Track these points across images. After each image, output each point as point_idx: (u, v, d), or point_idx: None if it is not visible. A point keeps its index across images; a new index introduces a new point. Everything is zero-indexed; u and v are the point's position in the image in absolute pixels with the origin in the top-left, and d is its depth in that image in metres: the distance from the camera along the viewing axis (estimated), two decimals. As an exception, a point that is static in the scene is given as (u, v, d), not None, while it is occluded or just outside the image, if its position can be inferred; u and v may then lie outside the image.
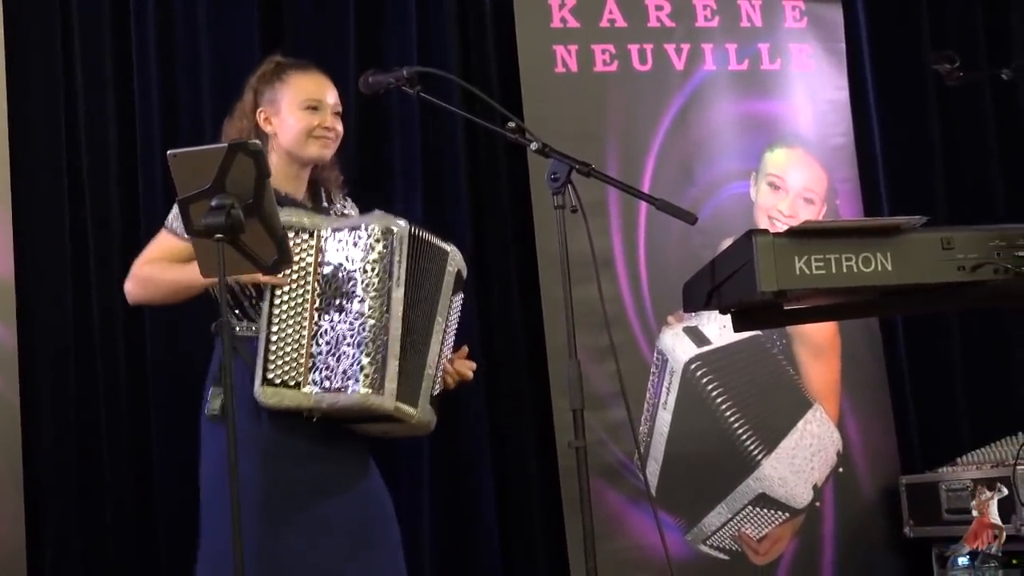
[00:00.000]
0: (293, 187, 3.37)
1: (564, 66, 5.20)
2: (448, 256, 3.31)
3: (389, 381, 3.11)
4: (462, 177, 5.10)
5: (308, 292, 3.14)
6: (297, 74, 3.41)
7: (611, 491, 4.96)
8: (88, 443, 4.57)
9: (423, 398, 3.22)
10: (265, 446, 3.18)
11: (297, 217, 3.19)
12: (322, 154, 3.37)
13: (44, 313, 4.57)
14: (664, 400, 5.09)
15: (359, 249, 3.13)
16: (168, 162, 2.82)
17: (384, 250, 3.13)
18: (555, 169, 3.03)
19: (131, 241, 4.65)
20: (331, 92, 3.42)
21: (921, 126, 5.80)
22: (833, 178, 5.49)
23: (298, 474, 3.19)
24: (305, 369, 3.11)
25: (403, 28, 5.11)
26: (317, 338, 3.12)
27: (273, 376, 3.12)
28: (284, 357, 3.12)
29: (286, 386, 3.12)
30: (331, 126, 3.38)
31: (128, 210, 4.70)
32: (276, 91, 3.39)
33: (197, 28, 4.84)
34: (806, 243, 3.03)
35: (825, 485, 5.23)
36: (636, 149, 5.23)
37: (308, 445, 3.20)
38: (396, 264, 3.14)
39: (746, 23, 5.46)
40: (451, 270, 3.31)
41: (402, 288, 3.15)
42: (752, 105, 5.42)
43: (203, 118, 4.74)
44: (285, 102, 3.37)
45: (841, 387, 5.34)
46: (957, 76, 3.77)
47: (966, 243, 3.10)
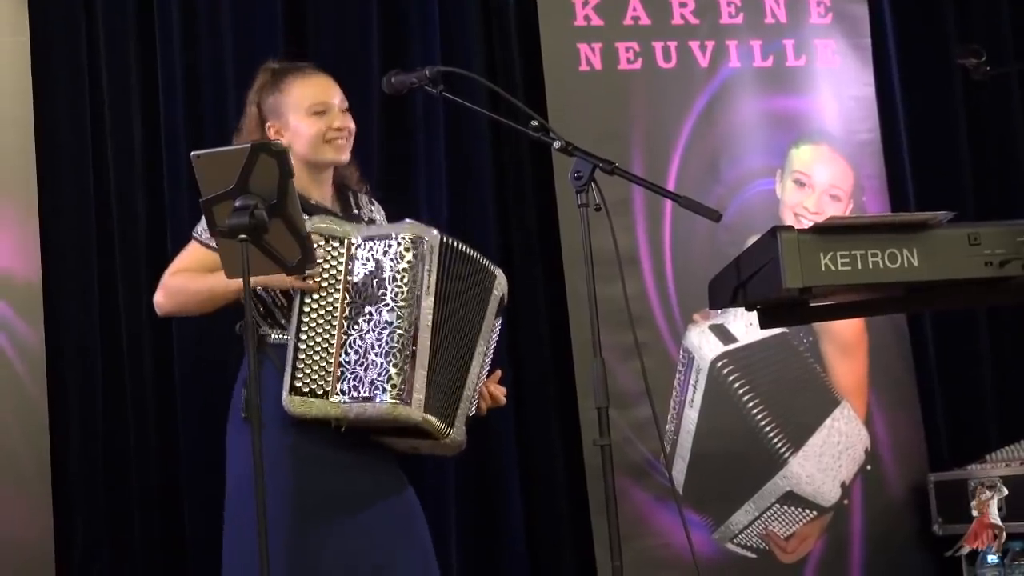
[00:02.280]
0: (318, 193, 3.34)
1: (588, 64, 5.19)
2: (496, 280, 3.28)
3: (417, 392, 3.08)
4: (487, 176, 5.10)
5: (337, 300, 3.11)
6: (296, 80, 3.35)
7: (638, 489, 4.95)
8: (115, 442, 4.59)
9: (459, 419, 3.20)
10: (296, 454, 3.16)
11: (328, 224, 3.16)
12: (339, 156, 3.34)
13: (71, 314, 4.59)
14: (691, 398, 5.08)
15: (389, 258, 3.10)
16: (192, 163, 2.83)
17: (413, 259, 3.10)
18: (578, 167, 3.03)
19: (157, 242, 4.69)
20: (334, 91, 3.36)
21: (948, 121, 5.77)
22: (859, 174, 5.46)
23: (329, 481, 3.17)
24: (334, 379, 3.08)
25: (427, 28, 5.11)
26: (346, 347, 3.09)
27: (301, 385, 3.09)
28: (312, 366, 3.09)
29: (314, 395, 3.09)
30: (342, 126, 3.32)
31: (154, 212, 4.72)
32: (279, 102, 3.32)
33: (220, 32, 4.84)
34: (831, 239, 3.03)
35: (853, 483, 5.21)
36: (661, 147, 5.21)
37: (338, 454, 3.18)
38: (426, 273, 3.11)
39: (771, 19, 5.44)
40: (496, 294, 3.28)
41: (432, 297, 3.12)
42: (777, 102, 5.39)
43: (228, 123, 4.75)
44: (291, 112, 3.31)
45: (869, 384, 5.31)
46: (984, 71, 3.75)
47: (993, 239, 3.10)
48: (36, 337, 4.46)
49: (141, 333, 4.64)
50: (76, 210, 4.65)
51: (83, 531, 4.50)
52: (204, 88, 4.83)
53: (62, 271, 4.59)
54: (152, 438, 4.63)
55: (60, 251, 4.60)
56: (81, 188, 4.66)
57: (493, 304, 3.27)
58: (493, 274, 3.29)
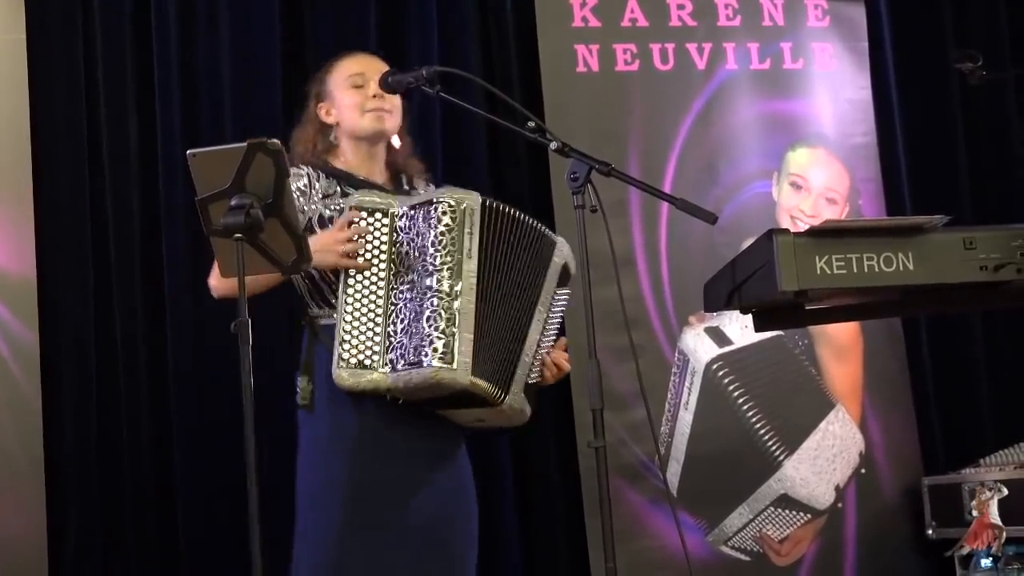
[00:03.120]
0: (367, 170, 3.34)
1: (586, 65, 5.19)
2: (555, 247, 3.24)
3: (462, 355, 3.01)
4: (483, 176, 5.09)
5: (382, 272, 3.09)
6: (340, 60, 3.41)
7: (632, 491, 4.95)
8: (109, 440, 4.59)
9: (516, 384, 3.15)
10: (355, 437, 3.13)
11: (369, 197, 3.15)
12: (379, 127, 3.33)
13: (66, 312, 4.60)
14: (686, 400, 5.08)
15: (429, 224, 3.07)
16: (188, 162, 2.82)
17: (452, 222, 3.06)
18: (575, 169, 3.01)
19: (151, 241, 4.69)
20: (375, 65, 3.38)
21: (944, 125, 5.78)
22: (855, 178, 5.47)
23: (386, 472, 3.13)
24: (382, 349, 3.05)
25: (425, 28, 5.11)
26: (392, 317, 3.06)
27: (349, 357, 3.05)
28: (359, 337, 3.06)
29: (362, 366, 3.05)
30: (378, 95, 3.31)
31: (149, 210, 4.73)
32: (326, 83, 3.38)
33: (217, 31, 4.85)
34: (827, 243, 3.02)
35: (847, 486, 5.21)
36: (658, 149, 5.22)
37: (397, 437, 3.14)
38: (467, 236, 3.07)
39: (768, 22, 5.44)
40: (557, 261, 3.24)
41: (474, 261, 3.07)
42: (774, 104, 5.40)
43: (223, 121, 4.76)
44: (335, 88, 3.35)
45: (863, 388, 5.32)
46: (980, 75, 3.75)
47: (988, 243, 3.09)
48: (31, 335, 4.47)
49: (136, 331, 4.65)
50: (71, 208, 4.66)
51: (76, 528, 4.51)
52: (200, 87, 4.84)
53: (57, 269, 4.60)
54: (146, 436, 4.63)
55: (55, 249, 4.60)
56: (76, 186, 4.67)
57: (553, 271, 3.23)
58: (552, 241, 3.25)
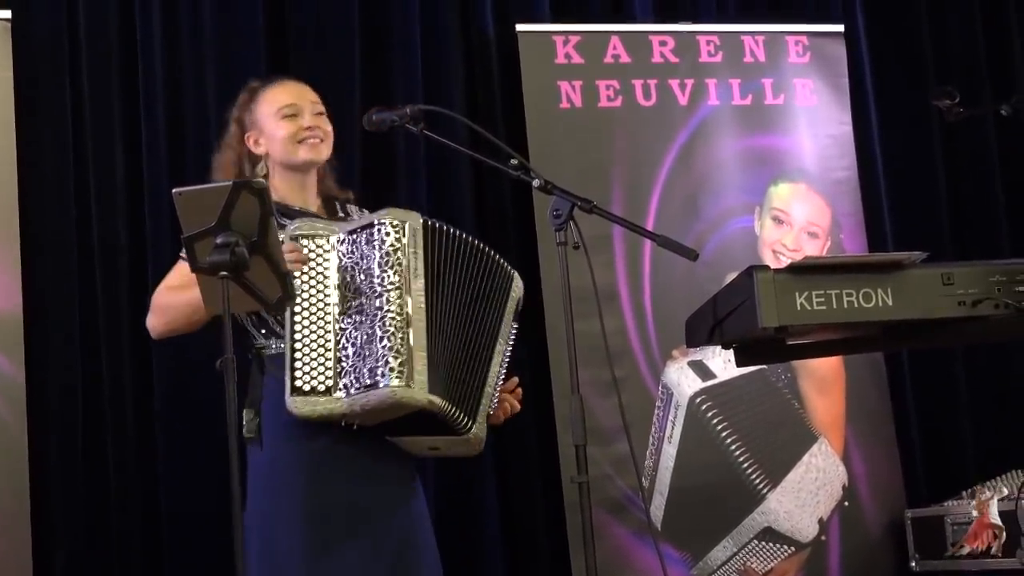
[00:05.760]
0: (301, 199, 3.34)
1: (569, 101, 5.23)
2: (513, 280, 3.27)
3: (418, 373, 3.01)
4: (468, 213, 5.12)
5: (328, 297, 3.08)
6: (269, 88, 3.40)
7: (617, 525, 4.96)
8: (96, 477, 4.58)
9: (481, 414, 3.16)
10: (310, 462, 3.12)
11: (309, 224, 3.16)
12: (314, 155, 3.34)
13: (52, 349, 4.59)
14: (669, 434, 5.09)
15: (372, 246, 3.07)
16: (173, 200, 2.84)
17: (396, 242, 3.07)
18: (557, 206, 3.04)
19: (138, 275, 4.69)
20: (306, 93, 3.39)
21: (925, 160, 5.82)
22: (837, 212, 5.51)
23: (341, 498, 3.12)
24: (335, 374, 3.03)
25: (409, 65, 5.14)
26: (342, 342, 3.05)
27: (302, 384, 3.03)
28: (311, 363, 3.04)
29: (316, 392, 3.03)
30: (313, 125, 3.33)
31: (135, 245, 4.73)
32: (255, 112, 3.37)
33: (203, 66, 4.88)
34: (807, 279, 3.05)
35: (831, 519, 5.23)
36: (641, 184, 5.25)
37: (351, 465, 3.13)
38: (412, 255, 3.08)
39: (749, 58, 5.49)
40: (514, 295, 3.27)
41: (422, 280, 3.07)
42: (756, 140, 5.44)
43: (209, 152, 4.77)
44: (265, 118, 3.34)
45: (846, 421, 5.34)
46: (958, 112, 3.79)
47: (966, 278, 3.12)
48: (17, 372, 4.46)
49: (122, 368, 4.65)
50: (58, 244, 4.66)
51: (63, 568, 4.49)
52: (187, 123, 4.86)
53: (43, 305, 4.59)
54: (133, 476, 4.62)
55: (41, 285, 4.60)
56: (63, 221, 4.67)
57: (511, 305, 3.25)
58: (510, 273, 3.27)
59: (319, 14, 5.09)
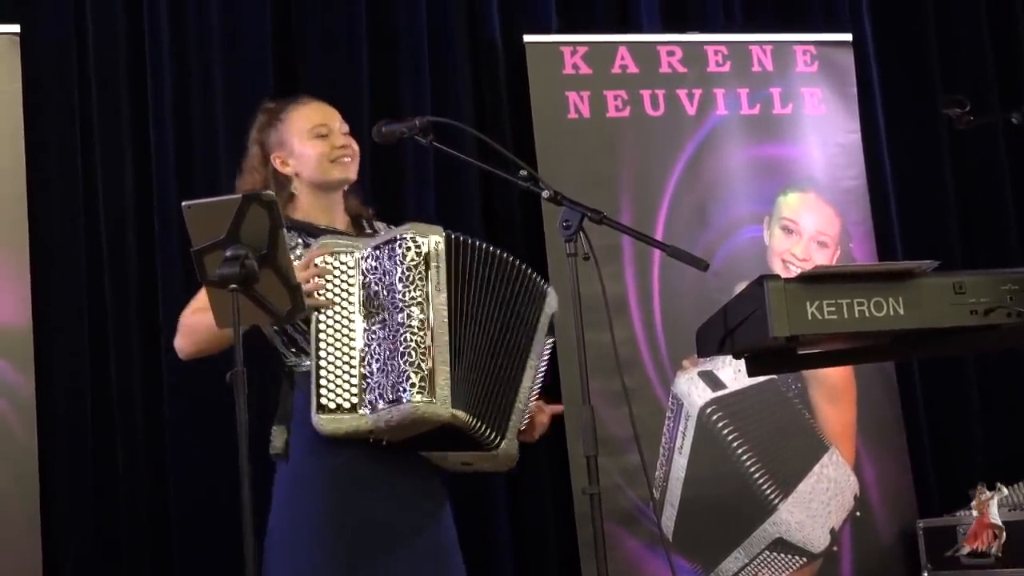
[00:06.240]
0: (328, 218, 3.33)
1: (577, 112, 5.23)
2: (547, 297, 3.24)
3: (440, 388, 2.99)
4: (477, 223, 5.12)
5: (352, 314, 3.07)
6: (295, 108, 3.38)
7: (628, 536, 4.95)
8: (106, 490, 4.59)
9: (511, 431, 3.13)
10: (336, 482, 3.10)
11: (333, 241, 3.15)
12: (347, 174, 3.34)
13: (62, 362, 4.60)
14: (680, 444, 5.08)
15: (394, 262, 3.06)
16: (183, 213, 2.84)
17: (417, 257, 3.05)
18: (567, 217, 3.04)
19: (147, 288, 4.70)
20: (333, 114, 3.39)
21: (934, 168, 5.81)
22: (846, 221, 5.50)
23: (371, 514, 3.10)
24: (359, 391, 3.02)
25: (417, 77, 5.15)
26: (367, 358, 3.04)
27: (327, 402, 3.03)
28: (335, 380, 3.04)
29: (341, 410, 3.02)
30: (346, 144, 3.34)
31: (144, 258, 4.74)
32: (281, 133, 3.35)
33: (212, 82, 4.88)
34: (817, 288, 3.05)
35: (842, 529, 5.21)
36: (650, 194, 5.25)
37: (379, 481, 3.11)
38: (434, 269, 3.06)
39: (757, 68, 5.49)
40: (548, 311, 3.24)
41: (444, 294, 3.06)
42: (764, 149, 5.44)
43: (219, 170, 4.79)
44: (294, 138, 3.33)
45: (857, 430, 5.33)
46: (967, 120, 3.78)
47: (978, 287, 3.12)
48: (27, 385, 4.46)
49: (131, 380, 4.65)
50: (66, 251, 4.67)
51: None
52: (195, 130, 4.86)
53: (53, 319, 4.60)
54: (143, 486, 4.62)
55: (50, 293, 4.61)
56: (72, 229, 4.68)
57: (544, 320, 3.22)
58: (544, 290, 3.23)
59: (326, 22, 5.09)
